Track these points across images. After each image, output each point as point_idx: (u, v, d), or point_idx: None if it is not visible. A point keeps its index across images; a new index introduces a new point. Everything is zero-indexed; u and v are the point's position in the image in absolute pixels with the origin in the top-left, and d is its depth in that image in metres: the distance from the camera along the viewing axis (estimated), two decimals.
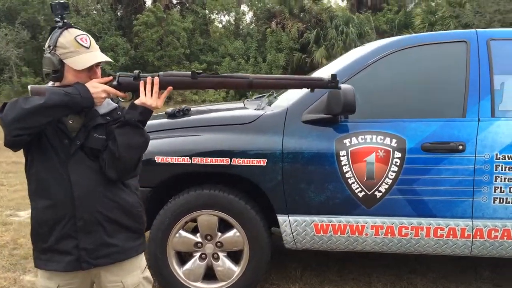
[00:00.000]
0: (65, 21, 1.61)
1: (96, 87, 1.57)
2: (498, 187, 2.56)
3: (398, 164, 2.62)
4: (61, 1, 1.60)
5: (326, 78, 1.67)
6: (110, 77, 1.63)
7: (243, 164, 2.72)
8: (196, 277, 2.88)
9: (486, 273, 3.27)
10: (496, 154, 2.55)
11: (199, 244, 2.86)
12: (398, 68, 2.85)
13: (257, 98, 3.77)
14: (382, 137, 2.64)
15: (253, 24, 21.98)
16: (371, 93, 2.83)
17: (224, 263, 2.86)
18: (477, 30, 2.80)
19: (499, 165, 2.55)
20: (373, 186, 2.65)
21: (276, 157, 2.71)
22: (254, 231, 2.80)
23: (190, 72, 1.61)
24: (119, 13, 22.28)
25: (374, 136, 2.65)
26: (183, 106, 3.17)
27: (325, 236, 2.74)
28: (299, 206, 2.73)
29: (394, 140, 2.63)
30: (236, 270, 2.85)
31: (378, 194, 2.65)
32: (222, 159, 2.73)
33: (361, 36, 19.25)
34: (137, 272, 1.73)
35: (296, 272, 3.30)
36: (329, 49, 18.64)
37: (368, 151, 2.64)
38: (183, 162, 2.77)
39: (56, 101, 1.48)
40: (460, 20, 16.95)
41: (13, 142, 1.49)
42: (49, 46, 1.58)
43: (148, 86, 1.59)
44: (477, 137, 2.58)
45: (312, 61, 18.74)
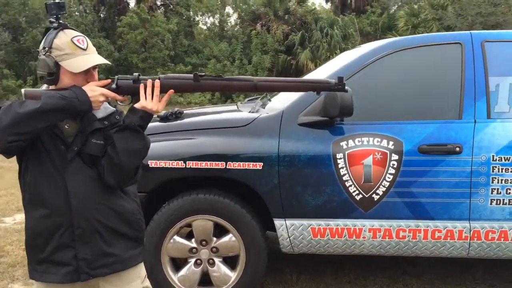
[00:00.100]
0: (61, 21, 1.54)
1: (94, 90, 1.51)
2: (495, 189, 2.56)
3: (395, 166, 2.60)
4: (57, 0, 1.53)
5: (333, 81, 1.64)
6: (109, 80, 1.57)
7: (239, 167, 2.68)
8: (191, 283, 2.82)
9: (480, 274, 3.28)
10: (493, 156, 2.56)
11: (194, 250, 2.81)
12: (394, 70, 2.84)
13: (249, 100, 3.72)
14: (379, 139, 2.63)
15: (238, 26, 21.91)
16: (367, 95, 2.81)
17: (219, 269, 2.81)
18: (471, 32, 2.80)
19: (496, 167, 2.55)
20: (370, 188, 2.63)
21: (272, 160, 2.67)
22: (250, 236, 2.76)
23: (192, 75, 1.55)
24: (101, 14, 22.00)
25: (371, 139, 2.63)
26: (176, 109, 3.08)
27: (322, 240, 2.71)
28: (296, 210, 2.70)
29: (391, 142, 2.62)
30: (232, 275, 2.81)
31: (376, 197, 2.63)
32: (217, 162, 2.68)
33: (345, 38, 19.36)
34: (136, 282, 1.68)
35: (291, 276, 3.26)
36: (314, 51, 18.69)
37: (365, 154, 2.62)
38: (177, 166, 2.72)
39: (53, 105, 1.42)
40: (443, 23, 17.14)
41: (7, 149, 1.42)
42: (44, 48, 1.51)
43: (149, 89, 1.53)
44: (473, 138, 2.58)
45: (297, 63, 18.79)
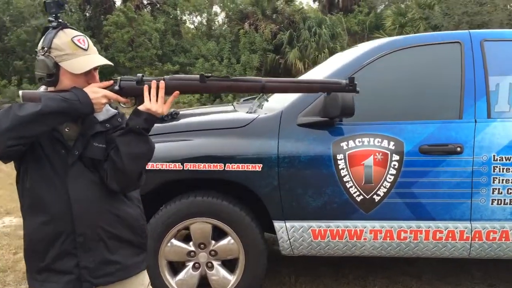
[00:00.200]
0: (60, 20, 1.48)
1: (96, 92, 1.45)
2: (496, 189, 2.55)
3: (396, 167, 2.58)
4: None
5: (344, 82, 1.60)
6: (111, 81, 1.50)
7: (238, 169, 2.63)
8: (189, 287, 2.77)
9: (480, 274, 3.28)
10: (494, 156, 2.55)
11: (192, 253, 2.76)
12: (393, 70, 2.81)
13: (245, 100, 3.68)
14: (380, 140, 2.60)
15: (226, 25, 21.81)
16: (366, 96, 2.76)
17: (218, 272, 2.77)
18: (470, 31, 2.79)
19: (497, 167, 2.55)
20: (371, 189, 2.60)
21: (271, 161, 2.63)
22: (249, 239, 2.71)
23: (198, 76, 1.50)
24: (87, 13, 21.71)
25: (372, 139, 2.61)
26: (172, 109, 3.01)
27: (322, 242, 2.68)
28: (296, 212, 2.66)
29: (391, 143, 2.59)
30: (231, 279, 2.76)
31: (377, 198, 2.60)
32: (215, 164, 2.63)
33: (333, 37, 19.37)
34: None
35: (290, 278, 3.22)
36: (303, 50, 18.68)
37: (366, 154, 2.59)
38: (174, 168, 2.66)
39: (54, 108, 1.36)
40: (430, 22, 17.25)
41: (6, 153, 1.35)
42: (43, 48, 1.45)
43: (153, 91, 1.47)
44: (474, 138, 2.57)
45: (286, 62, 18.75)
